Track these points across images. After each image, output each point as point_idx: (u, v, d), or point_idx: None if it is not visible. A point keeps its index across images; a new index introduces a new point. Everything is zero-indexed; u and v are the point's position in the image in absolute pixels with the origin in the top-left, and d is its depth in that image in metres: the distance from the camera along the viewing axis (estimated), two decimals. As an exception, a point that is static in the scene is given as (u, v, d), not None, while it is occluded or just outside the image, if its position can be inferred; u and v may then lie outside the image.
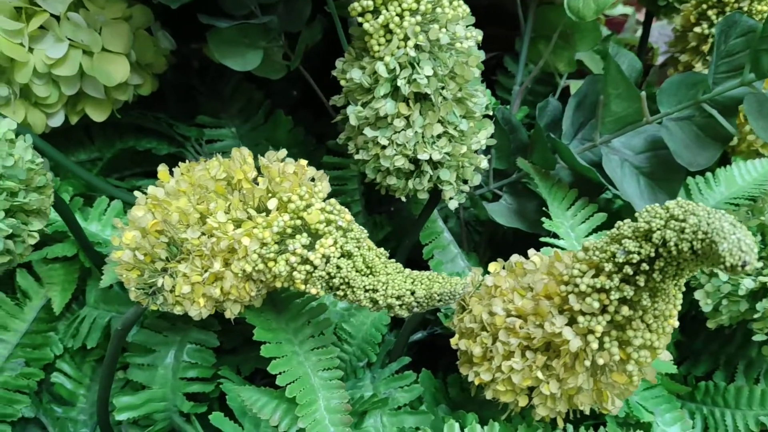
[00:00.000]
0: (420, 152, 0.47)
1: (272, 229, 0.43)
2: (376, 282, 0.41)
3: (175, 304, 0.46)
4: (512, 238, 0.67)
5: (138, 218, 0.45)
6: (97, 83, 0.59)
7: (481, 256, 0.64)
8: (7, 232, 0.39)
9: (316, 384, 0.48)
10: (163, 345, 0.54)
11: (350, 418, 0.47)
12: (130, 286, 0.46)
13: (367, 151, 0.49)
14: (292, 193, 0.44)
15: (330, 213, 0.43)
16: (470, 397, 0.54)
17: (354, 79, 0.46)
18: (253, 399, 0.49)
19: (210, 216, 0.44)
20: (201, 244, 0.44)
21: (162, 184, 0.47)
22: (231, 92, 0.73)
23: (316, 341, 0.50)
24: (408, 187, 0.50)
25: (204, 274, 0.44)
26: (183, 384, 0.54)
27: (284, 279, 0.44)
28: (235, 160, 0.47)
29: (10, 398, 0.58)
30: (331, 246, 0.42)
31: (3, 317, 0.59)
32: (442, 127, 0.48)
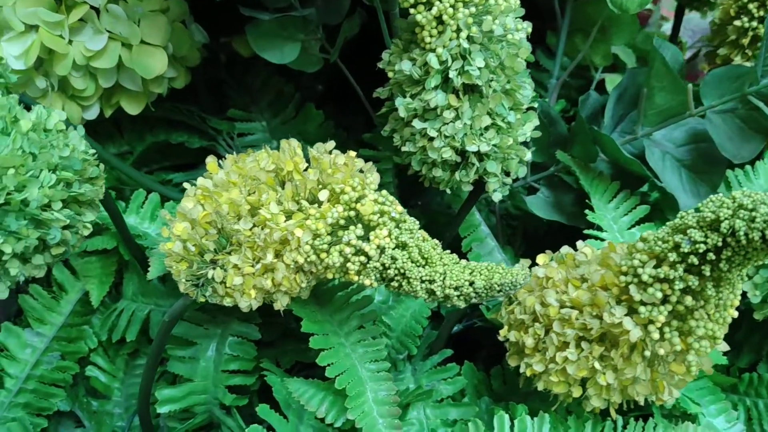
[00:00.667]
0: (468, 144, 0.47)
1: (326, 220, 0.43)
2: (432, 273, 0.41)
3: (224, 296, 0.46)
4: (545, 231, 0.67)
5: (188, 210, 0.45)
6: (135, 76, 0.58)
7: (516, 250, 0.64)
8: (64, 223, 0.39)
9: (364, 376, 0.48)
10: (204, 338, 0.54)
11: (398, 410, 0.47)
12: (180, 278, 0.46)
13: (414, 143, 0.49)
14: (345, 184, 0.44)
15: (383, 204, 0.43)
16: (513, 389, 0.54)
17: (403, 71, 0.46)
18: (301, 391, 0.49)
19: (262, 207, 0.44)
20: (254, 235, 0.44)
21: (210, 176, 0.47)
22: (260, 86, 0.72)
23: (362, 333, 0.50)
24: (453, 180, 0.50)
25: (256, 266, 0.44)
26: (225, 377, 0.54)
27: (336, 270, 0.44)
28: (284, 152, 0.46)
29: (46, 391, 0.58)
30: (385, 237, 0.42)
31: (40, 310, 0.59)
32: (490, 119, 0.48)
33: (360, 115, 0.77)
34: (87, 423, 0.60)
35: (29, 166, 0.37)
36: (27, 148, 0.38)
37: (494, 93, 0.46)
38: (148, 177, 0.60)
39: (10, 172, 0.37)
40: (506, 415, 0.47)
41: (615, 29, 0.60)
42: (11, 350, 0.58)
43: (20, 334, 0.58)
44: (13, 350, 0.58)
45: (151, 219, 0.57)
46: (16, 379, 0.58)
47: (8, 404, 0.57)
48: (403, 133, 0.50)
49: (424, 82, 0.46)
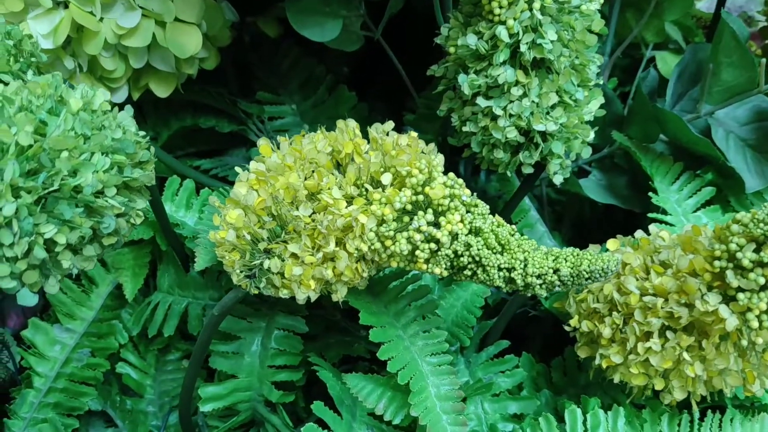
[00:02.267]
0: (535, 123, 0.45)
1: (393, 205, 0.40)
2: (512, 260, 0.38)
3: (281, 288, 0.43)
4: (589, 216, 0.64)
5: (242, 195, 0.42)
6: (167, 56, 0.55)
7: (564, 235, 0.62)
8: (119, 210, 0.36)
9: (425, 370, 0.45)
10: (248, 332, 0.51)
11: (463, 406, 0.44)
12: (234, 269, 0.43)
13: (476, 122, 0.46)
14: (411, 166, 0.41)
15: (452, 187, 0.40)
16: (573, 381, 0.52)
17: (469, 45, 0.43)
18: (359, 386, 0.46)
19: (321, 192, 0.41)
20: (316, 222, 0.41)
21: (263, 159, 0.44)
22: (288, 68, 0.69)
23: (421, 325, 0.47)
24: (514, 161, 0.48)
25: (316, 255, 0.41)
26: (271, 372, 0.51)
27: (402, 259, 0.41)
28: (342, 133, 0.44)
29: (77, 390, 0.55)
30: (458, 222, 0.40)
31: (69, 305, 0.56)
32: (557, 96, 0.45)
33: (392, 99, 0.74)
34: (120, 423, 0.57)
35: (82, 148, 0.34)
36: (79, 129, 0.35)
37: (565, 68, 0.43)
38: (180, 162, 0.57)
39: (64, 155, 0.33)
40: (578, 409, 0.44)
41: (667, 4, 0.58)
42: (39, 347, 0.55)
43: (49, 331, 0.55)
44: (41, 347, 0.55)
45: (187, 207, 0.54)
46: (45, 378, 0.55)
47: (38, 404, 0.54)
48: (463, 113, 0.47)
49: (490, 57, 0.44)
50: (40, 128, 0.34)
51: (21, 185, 0.32)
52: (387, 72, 0.74)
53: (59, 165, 0.33)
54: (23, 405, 0.54)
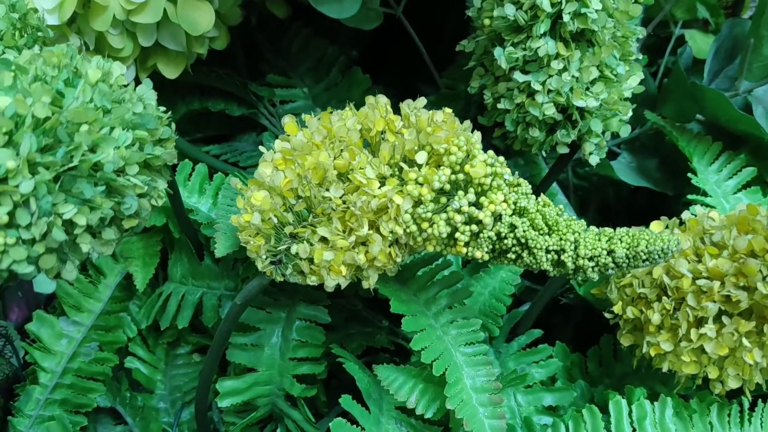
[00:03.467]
0: (575, 99, 0.42)
1: (431, 185, 0.38)
2: (562, 242, 0.36)
3: (309, 274, 0.40)
4: (614, 200, 0.62)
5: (267, 176, 0.40)
6: (177, 34, 0.52)
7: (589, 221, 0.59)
8: (141, 190, 0.33)
9: (459, 360, 0.43)
10: (268, 322, 0.49)
11: (500, 397, 0.42)
12: (260, 254, 0.40)
13: (511, 99, 0.44)
14: (449, 143, 0.38)
15: (493, 166, 0.38)
16: (609, 371, 0.49)
17: (506, 16, 0.41)
18: (390, 378, 0.44)
19: (355, 172, 0.39)
20: (348, 203, 0.38)
21: (288, 138, 0.41)
22: (298, 49, 0.66)
23: (453, 313, 0.45)
24: (549, 140, 0.45)
25: (349, 238, 0.39)
26: (292, 365, 0.48)
27: (440, 242, 0.39)
28: (372, 109, 0.41)
29: (85, 386, 0.52)
30: (501, 202, 0.37)
31: (76, 296, 0.53)
32: (598, 70, 0.43)
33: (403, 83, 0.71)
34: (130, 420, 0.54)
35: (102, 122, 0.32)
36: (98, 102, 0.32)
37: (608, 40, 0.41)
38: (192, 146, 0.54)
39: (83, 129, 0.31)
40: (623, 400, 0.42)
41: (699, -21, 0.56)
42: (45, 341, 0.52)
43: (54, 324, 0.52)
44: (47, 341, 0.52)
45: (200, 192, 0.51)
46: (52, 374, 0.52)
47: (44, 401, 0.51)
48: (497, 89, 0.44)
49: (529, 29, 0.41)
50: (57, 100, 0.31)
51: (38, 161, 0.29)
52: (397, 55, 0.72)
53: (78, 139, 0.30)
54: (29, 402, 0.51)
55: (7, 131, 0.29)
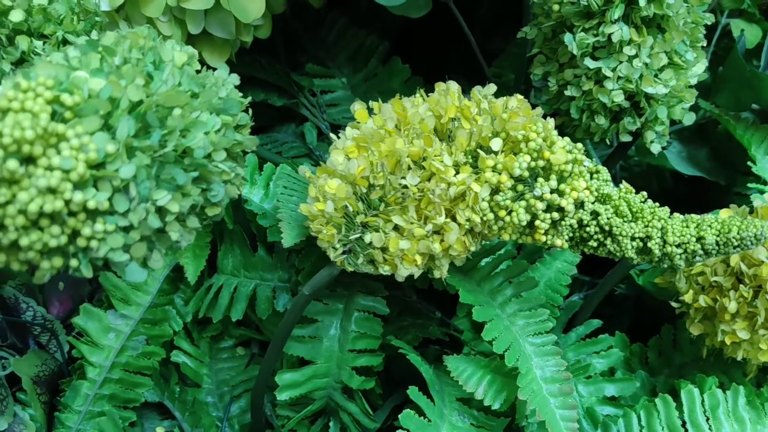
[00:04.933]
0: (645, 85, 0.42)
1: (512, 171, 0.37)
2: (648, 229, 0.36)
3: (382, 264, 0.39)
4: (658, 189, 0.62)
5: (339, 164, 0.39)
6: (226, 21, 0.51)
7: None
8: (228, 177, 0.33)
9: (528, 351, 0.43)
10: (326, 314, 0.48)
11: (571, 387, 0.42)
12: (334, 243, 0.39)
13: (578, 86, 0.43)
14: (526, 130, 0.38)
15: (572, 152, 0.38)
16: (668, 362, 0.49)
17: (579, 1, 0.40)
18: (460, 369, 0.43)
19: (430, 159, 0.38)
20: (427, 190, 0.38)
21: (358, 126, 0.41)
22: (335, 39, 0.66)
23: (520, 303, 0.44)
24: (613, 128, 0.45)
25: (426, 227, 0.38)
26: (351, 357, 0.47)
27: (516, 230, 0.38)
28: (443, 96, 0.40)
29: (133, 381, 0.51)
30: (584, 189, 0.37)
31: (125, 289, 0.52)
32: (667, 57, 0.42)
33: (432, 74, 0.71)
34: (179, 414, 0.53)
35: (193, 106, 0.31)
36: (186, 85, 0.31)
37: (683, 26, 0.41)
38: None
39: (176, 113, 0.30)
40: (695, 389, 0.42)
41: (748, -32, 0.55)
42: (93, 335, 0.51)
43: (102, 317, 0.51)
44: (94, 336, 0.51)
45: (251, 183, 0.50)
46: (100, 368, 0.51)
47: (93, 397, 0.50)
48: (563, 76, 0.44)
49: (601, 14, 0.41)
50: (146, 83, 0.30)
51: (136, 145, 0.28)
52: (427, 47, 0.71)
53: (172, 123, 0.30)
54: (76, 397, 0.50)
55: (104, 114, 0.28)
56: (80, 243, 0.28)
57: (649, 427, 0.41)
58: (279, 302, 0.50)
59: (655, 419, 0.41)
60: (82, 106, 0.27)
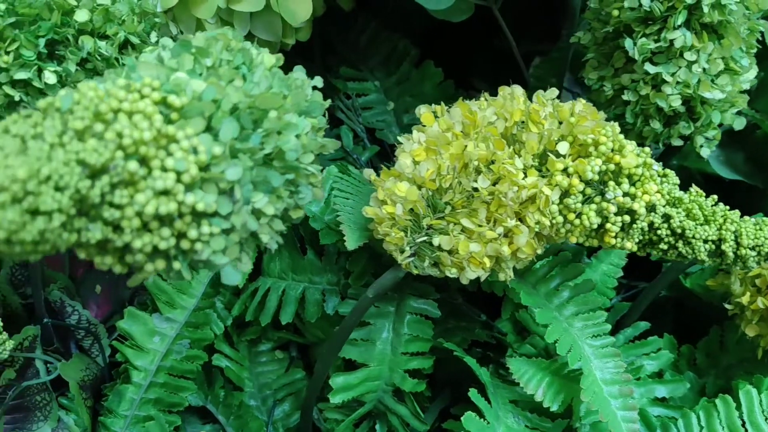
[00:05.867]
0: (703, 90, 0.42)
1: (584, 175, 0.38)
2: (722, 231, 0.36)
3: (449, 266, 0.40)
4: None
5: (407, 167, 0.39)
6: (273, 24, 0.51)
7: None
8: (316, 179, 0.32)
9: (587, 353, 0.43)
10: (377, 317, 0.48)
11: (631, 389, 0.42)
12: (401, 247, 0.39)
13: (635, 90, 0.44)
14: (595, 134, 0.38)
15: (640, 156, 0.38)
16: (715, 363, 0.50)
17: (641, 7, 0.41)
18: (521, 371, 0.43)
19: (499, 162, 0.38)
20: (499, 193, 0.38)
21: (423, 129, 0.41)
22: (367, 42, 0.66)
23: (577, 305, 0.45)
24: (666, 133, 0.45)
25: (497, 229, 0.38)
26: (404, 360, 0.48)
27: (583, 233, 0.39)
28: (509, 100, 0.41)
29: (177, 385, 0.51)
30: (656, 192, 0.37)
31: (170, 293, 0.51)
32: (723, 63, 0.43)
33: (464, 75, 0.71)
34: (223, 418, 0.53)
35: (285, 108, 0.31)
36: (277, 87, 0.31)
37: (744, 32, 0.41)
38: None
39: (272, 115, 0.30)
40: (753, 389, 0.42)
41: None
42: (137, 339, 0.51)
43: (147, 321, 0.51)
44: (139, 339, 0.51)
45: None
46: (145, 372, 0.50)
47: (139, 401, 0.50)
48: (619, 81, 0.44)
49: (662, 20, 0.41)
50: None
51: (238, 147, 0.28)
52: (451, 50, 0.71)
53: (268, 126, 0.30)
54: (121, 402, 0.50)
55: (208, 116, 0.28)
56: (184, 245, 0.27)
57: (709, 428, 0.42)
58: (329, 305, 0.50)
59: (715, 419, 0.42)
60: (187, 107, 0.27)
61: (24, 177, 0.20)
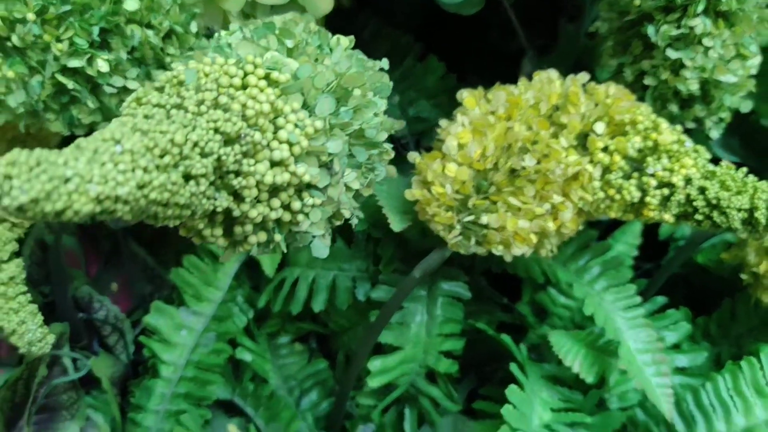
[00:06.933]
0: (719, 75, 0.45)
1: (625, 152, 0.40)
2: (755, 200, 0.39)
3: (497, 244, 0.41)
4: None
5: (454, 148, 0.40)
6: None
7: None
8: (389, 157, 0.33)
9: (620, 325, 0.45)
10: (410, 300, 0.49)
11: (664, 357, 0.44)
12: (451, 225, 0.41)
13: (656, 76, 0.46)
14: (631, 114, 0.40)
15: (674, 133, 0.40)
16: (726, 333, 0.53)
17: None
18: (560, 344, 0.45)
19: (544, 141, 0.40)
20: (547, 171, 0.39)
21: (466, 112, 0.42)
22: (369, 38, 0.67)
23: (607, 280, 0.47)
24: (683, 115, 0.48)
25: (544, 206, 0.40)
26: (439, 341, 0.49)
27: (622, 207, 0.41)
28: (547, 83, 0.42)
29: (205, 379, 0.51)
30: (692, 166, 0.39)
31: (197, 286, 0.51)
32: (735, 48, 0.46)
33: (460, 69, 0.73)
34: (251, 410, 0.53)
35: (366, 87, 0.32)
36: (356, 67, 0.32)
37: (756, 19, 0.44)
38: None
39: (357, 93, 0.31)
40: (777, 354, 0.45)
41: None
42: (164, 333, 0.50)
43: (174, 315, 0.51)
44: (166, 333, 0.50)
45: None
46: (174, 367, 0.50)
47: (170, 395, 0.50)
48: (639, 67, 0.47)
49: (682, 8, 0.44)
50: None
51: (333, 122, 0.29)
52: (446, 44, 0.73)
53: (354, 103, 0.30)
54: (151, 397, 0.50)
55: (305, 93, 0.28)
56: (285, 218, 0.28)
57: (735, 389, 0.44)
58: (360, 291, 0.50)
59: (741, 381, 0.44)
60: (287, 84, 0.28)
61: (181, 142, 0.21)
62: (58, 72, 0.37)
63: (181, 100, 0.23)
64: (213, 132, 0.23)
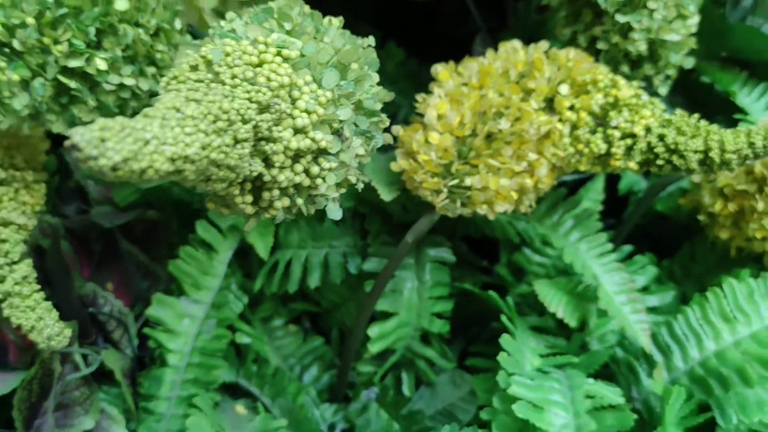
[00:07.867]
0: (664, 34, 0.50)
1: (590, 108, 0.44)
2: (708, 142, 0.43)
3: (481, 203, 0.44)
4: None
5: (434, 118, 0.44)
6: (264, 10, 0.54)
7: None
8: (386, 125, 0.36)
9: (597, 270, 0.49)
10: (401, 269, 0.52)
11: (639, 296, 0.49)
12: (438, 190, 0.44)
13: (607, 40, 0.50)
14: (591, 74, 0.44)
15: (631, 88, 0.44)
16: (689, 273, 0.57)
17: (611, -35, 0.48)
18: (544, 293, 0.49)
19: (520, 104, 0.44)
20: (522, 131, 0.43)
21: (441, 84, 0.45)
22: (329, 30, 0.70)
23: (581, 230, 0.51)
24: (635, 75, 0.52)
25: (522, 164, 0.44)
26: (430, 304, 0.52)
27: (590, 160, 0.45)
28: (513, 53, 0.46)
29: (210, 364, 0.53)
30: (650, 117, 0.44)
31: (195, 275, 0.53)
32: (676, 10, 0.50)
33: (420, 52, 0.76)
34: (256, 389, 0.55)
35: (361, 62, 0.35)
36: (349, 44, 0.35)
37: (692, -19, 0.49)
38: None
39: (354, 66, 0.33)
40: (734, 280, 0.50)
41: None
42: (168, 323, 0.52)
43: (175, 305, 0.53)
44: (169, 323, 0.52)
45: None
46: (180, 354, 0.52)
47: (181, 381, 0.52)
48: (591, 33, 0.51)
49: (628, -24, 0.48)
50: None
51: (338, 93, 0.32)
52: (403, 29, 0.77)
53: (353, 76, 0.33)
54: (161, 385, 0.51)
55: (312, 68, 0.31)
56: (305, 182, 0.31)
57: (704, 318, 0.49)
58: (351, 265, 0.53)
59: (708, 310, 0.49)
60: (297, 60, 0.31)
61: (228, 109, 0.23)
62: (59, 73, 0.39)
63: (215, 75, 0.25)
64: (249, 101, 0.25)
